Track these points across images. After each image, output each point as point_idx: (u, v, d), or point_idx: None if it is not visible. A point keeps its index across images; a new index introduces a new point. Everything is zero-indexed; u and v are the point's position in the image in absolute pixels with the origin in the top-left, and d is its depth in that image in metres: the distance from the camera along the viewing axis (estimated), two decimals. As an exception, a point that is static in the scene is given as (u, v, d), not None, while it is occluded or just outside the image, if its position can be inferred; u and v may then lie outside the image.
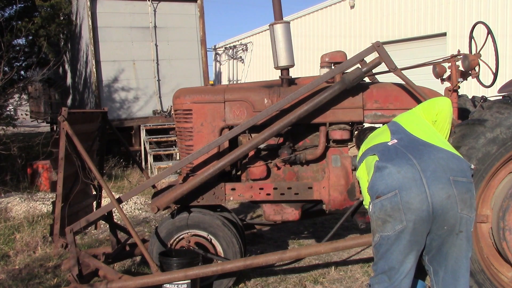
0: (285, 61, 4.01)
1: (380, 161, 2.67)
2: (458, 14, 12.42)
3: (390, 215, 2.57)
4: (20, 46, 11.48)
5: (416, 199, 2.52)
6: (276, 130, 3.78)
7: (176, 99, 4.23)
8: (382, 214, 2.60)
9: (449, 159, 2.62)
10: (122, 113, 11.34)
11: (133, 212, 7.08)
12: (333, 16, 16.60)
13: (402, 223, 2.55)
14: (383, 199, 2.59)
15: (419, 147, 2.68)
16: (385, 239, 2.62)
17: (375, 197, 2.64)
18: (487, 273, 3.44)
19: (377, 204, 2.62)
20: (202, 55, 11.99)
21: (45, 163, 8.69)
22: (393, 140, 2.79)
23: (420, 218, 2.53)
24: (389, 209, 2.57)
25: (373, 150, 2.83)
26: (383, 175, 2.62)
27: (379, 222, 2.64)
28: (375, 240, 2.69)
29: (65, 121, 3.82)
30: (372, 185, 2.67)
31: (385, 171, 2.62)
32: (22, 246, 5.37)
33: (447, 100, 3.06)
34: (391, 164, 2.61)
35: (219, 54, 24.17)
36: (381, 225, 2.63)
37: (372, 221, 2.70)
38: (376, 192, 2.63)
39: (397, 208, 2.55)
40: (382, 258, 2.66)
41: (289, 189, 4.05)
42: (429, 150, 2.65)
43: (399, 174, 2.57)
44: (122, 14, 11.25)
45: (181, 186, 3.91)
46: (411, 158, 2.61)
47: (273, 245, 5.44)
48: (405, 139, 2.77)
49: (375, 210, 2.64)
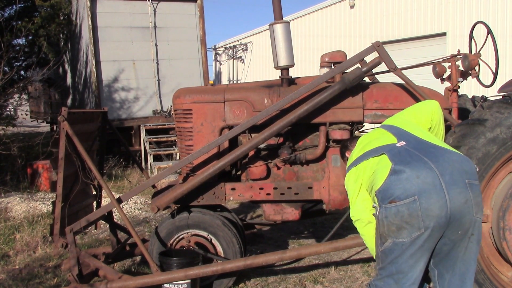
0: (285, 61, 4.01)
1: (396, 164, 2.53)
2: (458, 14, 12.43)
3: (407, 222, 2.46)
4: (20, 46, 11.48)
5: (436, 205, 2.43)
6: (276, 130, 3.78)
7: (176, 99, 4.23)
8: (397, 220, 2.49)
9: (462, 162, 2.55)
10: (122, 113, 11.34)
11: (133, 212, 7.08)
12: (333, 16, 16.60)
13: (420, 230, 2.46)
14: (399, 205, 2.47)
15: (431, 150, 2.58)
16: (398, 245, 2.52)
17: (387, 201, 2.51)
18: (487, 273, 3.44)
19: (391, 209, 2.49)
20: (202, 55, 11.99)
21: (45, 163, 8.68)
22: (401, 142, 2.67)
23: (438, 224, 2.46)
24: (407, 216, 2.45)
25: (378, 151, 2.69)
26: (400, 179, 2.48)
27: (392, 228, 2.51)
28: (387, 245, 2.57)
29: (65, 121, 3.82)
30: (385, 188, 2.52)
31: (403, 175, 2.48)
32: (22, 246, 5.37)
33: (435, 104, 3.02)
34: (409, 168, 2.48)
35: (219, 54, 24.17)
36: (395, 231, 2.51)
37: (383, 225, 2.56)
38: (390, 196, 2.50)
39: (415, 215, 2.44)
40: (392, 263, 2.58)
41: (289, 189, 4.05)
42: (442, 153, 2.57)
43: (418, 179, 2.45)
44: (122, 14, 11.25)
45: (181, 186, 3.91)
46: (427, 162, 2.49)
47: (273, 245, 5.44)
48: (413, 142, 2.66)
49: (387, 215, 2.52)
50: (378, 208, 2.58)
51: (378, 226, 2.63)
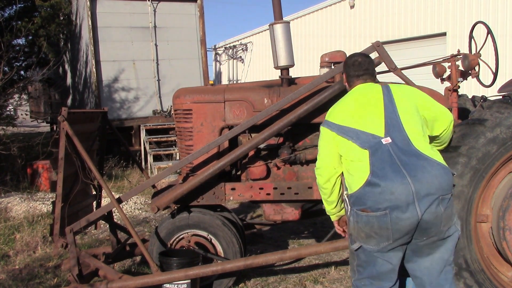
0: (285, 61, 4.01)
1: (373, 176, 2.49)
2: (458, 14, 12.43)
3: (377, 233, 2.50)
4: (20, 46, 11.48)
5: (407, 222, 2.44)
6: (276, 130, 3.78)
7: (176, 99, 4.23)
8: (367, 229, 2.52)
9: (442, 176, 2.50)
10: (122, 113, 11.35)
11: (133, 212, 7.08)
12: (333, 16, 16.60)
13: (388, 240, 2.49)
14: (370, 215, 2.49)
15: (413, 159, 2.51)
16: (366, 250, 2.58)
17: (359, 208, 2.53)
18: (487, 273, 3.44)
19: (362, 217, 2.52)
20: (202, 55, 11.99)
21: (45, 163, 8.69)
22: (387, 138, 2.58)
23: (407, 236, 2.50)
24: (376, 227, 2.48)
25: (362, 142, 2.60)
26: (373, 192, 2.47)
27: (361, 234, 2.56)
28: (354, 246, 2.62)
29: (65, 121, 3.82)
30: (359, 196, 2.53)
31: (377, 189, 2.46)
32: (22, 246, 5.37)
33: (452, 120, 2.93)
34: (385, 183, 2.45)
35: (219, 54, 24.18)
36: (364, 238, 2.56)
37: (353, 227, 2.60)
38: (362, 204, 2.52)
39: (385, 228, 2.46)
40: (364, 266, 2.63)
41: (289, 189, 4.05)
42: (423, 165, 2.50)
43: (392, 196, 2.44)
44: (122, 14, 11.26)
45: (181, 186, 3.91)
46: (405, 176, 2.45)
47: (273, 245, 5.44)
48: (400, 142, 2.56)
49: (358, 220, 2.55)
50: (349, 208, 2.62)
51: (348, 222, 2.68)
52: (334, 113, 2.82)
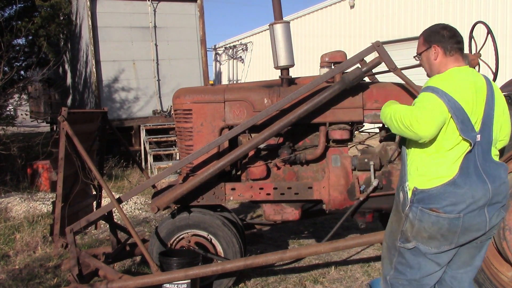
0: (285, 61, 4.01)
1: (459, 176, 2.36)
2: (458, 14, 12.43)
3: (443, 235, 2.39)
4: (20, 46, 11.47)
5: (476, 226, 2.40)
6: (276, 130, 3.78)
7: (176, 99, 4.23)
8: (433, 230, 2.40)
9: (507, 184, 2.50)
10: (122, 113, 11.34)
11: (133, 212, 7.08)
12: (333, 16, 16.61)
13: (450, 245, 2.42)
14: (441, 216, 2.37)
15: (491, 165, 2.45)
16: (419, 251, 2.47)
17: (427, 206, 2.40)
18: (487, 272, 3.44)
19: (431, 217, 2.39)
20: (202, 55, 11.99)
21: (45, 163, 8.68)
22: (479, 136, 2.40)
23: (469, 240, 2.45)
24: (445, 229, 2.38)
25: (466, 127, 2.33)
26: (455, 194, 2.36)
27: (423, 234, 2.43)
28: (409, 245, 2.49)
29: (65, 121, 3.82)
30: (432, 193, 2.39)
31: (459, 190, 2.35)
32: (22, 246, 5.37)
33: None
34: (469, 186, 2.36)
35: (219, 54, 24.19)
36: (425, 238, 2.43)
37: (411, 225, 2.46)
38: (435, 203, 2.38)
39: (453, 231, 2.38)
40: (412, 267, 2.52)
41: (289, 189, 4.05)
42: (499, 172, 2.46)
43: (471, 200, 2.36)
44: (122, 14, 11.25)
45: (181, 186, 3.91)
46: (486, 182, 2.38)
47: (273, 245, 5.44)
48: (484, 144, 2.44)
49: (422, 220, 2.41)
50: (409, 203, 2.45)
51: (402, 221, 2.51)
52: (446, 84, 2.42)
